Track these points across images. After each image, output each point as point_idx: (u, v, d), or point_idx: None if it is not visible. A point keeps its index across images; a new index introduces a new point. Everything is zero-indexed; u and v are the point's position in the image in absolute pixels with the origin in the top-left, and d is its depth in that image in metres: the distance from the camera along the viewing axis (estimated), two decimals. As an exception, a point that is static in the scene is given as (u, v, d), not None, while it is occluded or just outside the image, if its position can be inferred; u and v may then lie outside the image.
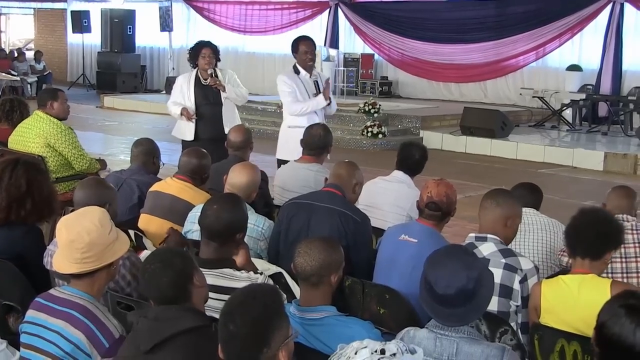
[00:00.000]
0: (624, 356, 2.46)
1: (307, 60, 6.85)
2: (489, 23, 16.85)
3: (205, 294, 2.87)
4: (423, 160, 5.23)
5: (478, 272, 2.64)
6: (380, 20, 18.41)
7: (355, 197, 4.58)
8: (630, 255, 4.22)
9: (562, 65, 16.03)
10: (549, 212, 4.91)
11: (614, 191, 4.60)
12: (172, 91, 7.32)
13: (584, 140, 13.70)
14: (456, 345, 2.60)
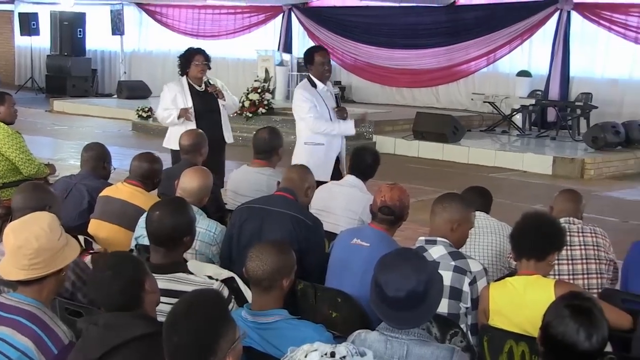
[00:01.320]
0: (567, 355, 2.51)
1: (324, 72, 6.48)
2: (442, 29, 17.04)
3: (157, 300, 2.85)
4: (375, 164, 5.24)
5: (428, 275, 2.67)
6: (334, 25, 18.49)
7: (308, 200, 4.60)
8: (576, 257, 4.30)
9: (512, 71, 16.29)
10: (499, 215, 4.97)
11: (561, 195, 4.69)
12: (162, 101, 6.99)
13: (533, 145, 13.92)
14: (406, 347, 2.63)
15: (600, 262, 4.34)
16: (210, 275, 3.50)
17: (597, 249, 4.35)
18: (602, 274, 4.34)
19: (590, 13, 15.30)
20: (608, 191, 11.05)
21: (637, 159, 12.68)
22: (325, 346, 2.31)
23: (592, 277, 4.31)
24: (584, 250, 4.32)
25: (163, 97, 6.99)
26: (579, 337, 2.48)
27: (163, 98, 6.99)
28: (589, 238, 4.37)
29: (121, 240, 4.50)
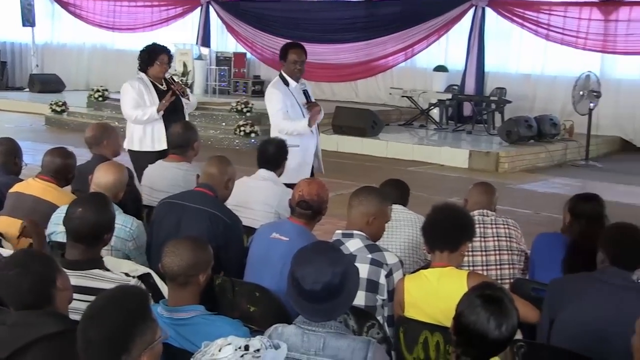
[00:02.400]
0: (479, 343, 2.58)
1: (295, 71, 6.33)
2: (360, 24, 17.16)
3: (69, 297, 2.79)
4: (279, 154, 5.18)
5: (344, 268, 2.69)
6: (253, 19, 18.41)
7: (228, 192, 4.55)
8: (489, 248, 4.41)
9: (430, 66, 16.54)
10: (417, 208, 5.04)
11: (475, 188, 4.79)
12: (128, 98, 6.53)
13: (450, 139, 14.17)
14: (323, 340, 2.65)
15: (512, 253, 4.46)
16: (126, 272, 3.45)
17: (509, 240, 4.47)
18: (514, 264, 4.46)
19: (503, 10, 15.66)
20: (521, 184, 11.34)
21: (549, 152, 13.06)
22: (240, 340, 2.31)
23: (505, 267, 4.43)
24: (497, 241, 4.43)
25: (128, 96, 6.54)
26: (489, 326, 2.55)
27: (129, 97, 6.54)
28: (502, 230, 4.49)
29: (33, 237, 4.38)
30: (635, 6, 14.38)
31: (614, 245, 3.41)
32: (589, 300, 3.28)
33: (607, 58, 14.98)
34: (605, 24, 14.65)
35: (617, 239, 3.43)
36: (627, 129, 14.98)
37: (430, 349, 3.26)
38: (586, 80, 13.16)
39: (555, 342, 3.32)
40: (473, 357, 2.59)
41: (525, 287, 4.12)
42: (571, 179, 11.88)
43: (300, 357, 2.64)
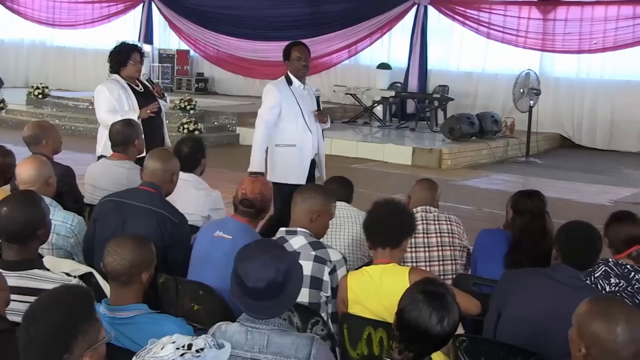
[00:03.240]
0: (421, 338, 2.61)
1: (300, 68, 6.21)
2: (304, 21, 17.16)
3: (6, 298, 2.74)
4: (194, 154, 5.05)
5: (287, 265, 2.70)
6: (196, 16, 18.26)
7: (173, 186, 4.46)
8: (432, 244, 4.46)
9: (373, 64, 16.64)
10: (360, 205, 5.06)
11: (417, 184, 4.83)
12: (103, 103, 6.23)
13: (394, 136, 14.29)
14: (267, 337, 2.65)
15: (454, 248, 4.52)
16: (67, 272, 3.39)
17: (452, 236, 4.53)
18: (457, 260, 4.52)
19: (445, 8, 15.83)
20: (464, 180, 11.49)
21: (490, 149, 13.25)
22: (184, 338, 2.30)
23: (447, 263, 4.49)
24: (440, 237, 4.48)
25: (104, 99, 6.24)
26: (431, 321, 2.58)
27: (104, 100, 6.23)
28: (444, 226, 4.54)
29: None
30: (572, 6, 14.69)
31: (567, 243, 3.45)
32: (536, 295, 3.33)
33: (546, 56, 15.28)
34: (544, 23, 14.94)
35: (571, 238, 3.47)
36: (566, 126, 15.30)
37: (374, 344, 3.29)
38: (526, 78, 13.40)
39: (501, 335, 3.37)
40: (415, 352, 2.61)
41: (467, 282, 4.18)
42: (512, 175, 12.09)
43: (244, 354, 2.64)
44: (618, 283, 3.84)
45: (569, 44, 14.79)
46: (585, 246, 3.43)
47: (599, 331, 2.35)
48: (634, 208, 8.61)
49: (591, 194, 10.58)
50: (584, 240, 3.44)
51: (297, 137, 6.20)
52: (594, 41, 14.39)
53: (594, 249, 3.46)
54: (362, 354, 3.33)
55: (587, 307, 2.43)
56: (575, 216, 3.79)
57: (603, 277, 3.87)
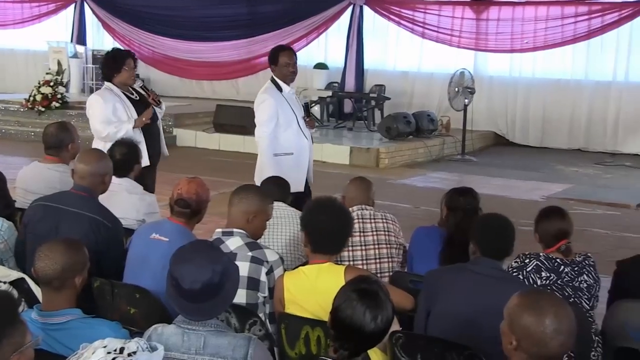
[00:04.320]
0: (355, 336, 2.63)
1: (288, 74, 6.10)
2: (240, 21, 17.11)
3: None
4: (127, 160, 4.96)
5: (223, 267, 2.69)
6: (130, 16, 18.03)
7: (106, 187, 4.38)
8: (369, 243, 4.48)
9: (310, 64, 16.65)
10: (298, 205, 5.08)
11: (351, 184, 4.85)
12: (97, 112, 5.97)
13: (331, 136, 14.34)
14: (204, 338, 2.64)
15: (391, 246, 4.56)
16: (-2, 278, 3.33)
17: (388, 234, 4.56)
18: (393, 258, 4.56)
19: (380, 8, 15.96)
20: (401, 179, 11.61)
21: (427, 147, 13.41)
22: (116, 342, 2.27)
23: (384, 261, 4.52)
24: (376, 236, 4.52)
25: (99, 110, 5.99)
26: (365, 319, 2.60)
27: (100, 110, 5.99)
28: (380, 224, 4.57)
29: None
30: (504, 6, 14.96)
31: (484, 236, 3.53)
32: (461, 290, 3.39)
33: (480, 56, 15.53)
34: (477, 23, 15.18)
35: (486, 230, 3.55)
36: (500, 124, 15.58)
37: (311, 343, 3.29)
38: (461, 77, 13.60)
39: (431, 332, 3.42)
40: (350, 350, 2.63)
41: (404, 279, 4.23)
42: (449, 173, 12.25)
43: (181, 356, 2.63)
44: (549, 277, 3.94)
45: (501, 44, 15.07)
46: (499, 237, 3.51)
47: (529, 324, 2.41)
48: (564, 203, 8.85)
49: (525, 191, 10.80)
50: (498, 231, 3.53)
51: (294, 144, 6.16)
52: (525, 41, 14.69)
53: (509, 238, 3.54)
54: (300, 353, 3.33)
55: (517, 301, 2.49)
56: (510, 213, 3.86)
57: (534, 271, 3.96)
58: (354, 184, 4.82)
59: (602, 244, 7.79)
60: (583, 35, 14.17)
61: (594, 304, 4.00)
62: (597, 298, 4.04)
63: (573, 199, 10.08)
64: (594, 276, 4.00)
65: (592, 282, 3.98)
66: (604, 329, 3.92)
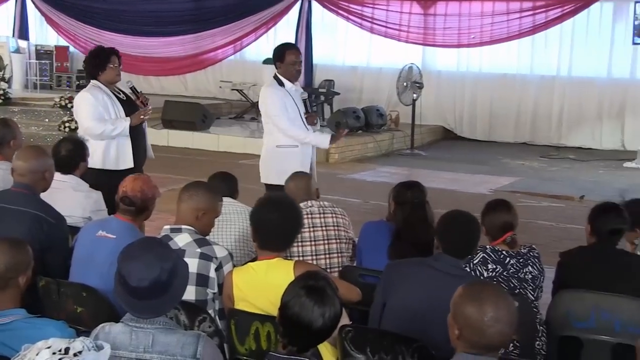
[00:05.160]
0: (304, 332, 2.64)
1: (294, 73, 6.03)
2: (187, 16, 16.98)
3: None
4: (72, 157, 4.87)
5: (172, 264, 2.67)
6: (74, 11, 17.75)
7: (48, 183, 4.30)
8: (318, 238, 4.48)
9: (259, 59, 16.57)
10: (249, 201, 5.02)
11: (290, 180, 4.79)
12: (88, 109, 5.76)
13: (281, 131, 14.28)
14: (152, 336, 2.62)
15: (340, 241, 4.57)
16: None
17: (337, 229, 4.57)
18: (343, 252, 4.57)
19: (329, 3, 16.00)
20: (351, 173, 11.66)
21: (376, 142, 13.49)
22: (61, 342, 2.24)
23: (334, 256, 4.53)
24: (325, 231, 4.52)
25: (90, 107, 5.78)
26: (313, 315, 2.62)
27: (90, 107, 5.78)
28: (330, 219, 4.58)
29: None
30: (451, 1, 15.12)
31: (446, 233, 3.55)
32: (419, 285, 3.41)
33: (428, 50, 15.68)
34: (425, 18, 15.31)
35: (449, 228, 3.56)
36: (448, 119, 15.75)
37: (261, 339, 3.29)
38: (409, 71, 13.70)
39: (386, 325, 3.44)
40: (299, 345, 2.64)
41: (353, 273, 4.25)
42: (398, 167, 12.35)
43: (129, 355, 2.61)
44: (495, 268, 4.00)
45: (449, 39, 15.22)
46: (463, 235, 3.53)
47: (470, 313, 2.44)
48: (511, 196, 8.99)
49: (473, 184, 10.94)
50: (463, 229, 3.54)
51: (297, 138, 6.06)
52: (472, 36, 14.86)
53: (473, 237, 3.56)
54: (250, 348, 3.33)
55: (460, 292, 2.53)
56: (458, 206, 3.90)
57: (481, 263, 4.02)
58: (293, 180, 4.78)
59: (547, 235, 7.93)
60: (528, 31, 14.39)
61: (538, 294, 4.07)
62: (542, 289, 4.12)
63: (519, 192, 10.24)
64: (539, 267, 4.06)
65: (537, 273, 4.04)
66: (548, 319, 4.00)
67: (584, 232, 4.35)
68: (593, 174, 12.03)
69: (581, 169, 12.53)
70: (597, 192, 9.91)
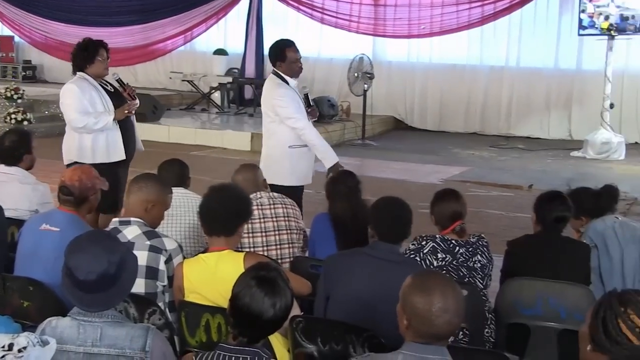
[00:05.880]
0: (254, 323, 2.64)
1: (297, 70, 5.94)
2: (135, 6, 16.72)
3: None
4: (16, 148, 4.84)
5: (120, 256, 2.65)
6: (19, 0, 17.37)
7: None
8: (269, 229, 4.49)
9: (210, 50, 16.52)
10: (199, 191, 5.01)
11: (238, 173, 4.75)
12: (73, 101, 5.71)
13: (232, 122, 14.25)
14: (100, 330, 2.60)
15: (291, 232, 4.58)
16: None
17: (288, 219, 4.58)
18: (294, 243, 4.59)
19: (280, -7, 15.94)
20: (302, 164, 11.62)
21: (328, 132, 13.45)
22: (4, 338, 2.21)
23: (285, 247, 4.54)
24: (276, 222, 4.53)
25: (75, 99, 5.71)
26: (264, 306, 2.62)
27: (76, 100, 5.71)
28: (280, 209, 4.59)
29: None
30: (401, -8, 15.18)
31: (380, 220, 3.58)
32: (360, 274, 3.43)
33: (378, 41, 15.72)
34: (375, 9, 15.31)
35: (382, 215, 3.60)
36: (399, 109, 15.83)
37: (212, 331, 3.28)
38: (360, 62, 13.73)
39: (331, 316, 3.46)
40: (250, 336, 2.64)
41: (304, 264, 4.27)
42: (350, 158, 12.34)
43: (77, 349, 2.58)
44: (444, 258, 4.04)
45: (399, 29, 15.26)
46: (396, 221, 3.56)
47: (417, 303, 2.47)
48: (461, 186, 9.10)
49: (424, 174, 11.03)
50: (395, 215, 3.58)
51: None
52: (422, 26, 14.93)
53: (405, 221, 3.59)
54: (201, 340, 3.32)
55: (409, 282, 2.55)
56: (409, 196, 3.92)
57: (431, 252, 4.05)
58: (240, 173, 4.75)
59: (496, 224, 8.04)
60: (477, 22, 14.50)
61: (487, 282, 4.13)
62: (490, 277, 4.17)
63: (469, 182, 10.36)
64: (487, 256, 4.12)
65: (486, 262, 4.10)
66: (496, 307, 4.07)
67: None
68: (541, 163, 12.22)
69: (530, 158, 12.71)
70: (545, 181, 10.07)
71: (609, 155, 12.53)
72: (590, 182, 5.68)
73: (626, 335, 2.14)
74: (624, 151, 12.63)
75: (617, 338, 2.14)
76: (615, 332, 2.15)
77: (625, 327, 2.15)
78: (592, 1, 12.60)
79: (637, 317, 2.15)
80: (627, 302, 2.17)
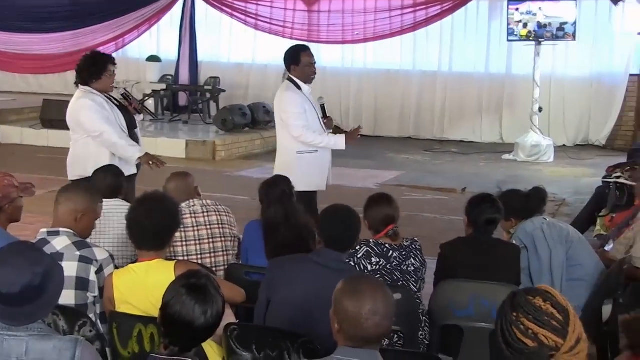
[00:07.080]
0: (186, 331, 2.61)
1: (311, 74, 5.94)
2: (64, 13, 16.37)
3: None
4: None
5: (45, 268, 2.57)
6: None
7: None
8: (203, 237, 4.46)
9: (142, 56, 16.32)
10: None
11: (169, 181, 4.71)
12: (93, 114, 5.57)
13: (167, 130, 14.12)
14: (26, 344, 2.52)
15: (226, 239, 4.56)
16: None
17: (222, 227, 4.55)
18: (228, 250, 4.56)
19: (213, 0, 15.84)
20: (238, 171, 11.60)
21: (264, 139, 13.47)
22: None
23: (219, 255, 4.51)
24: (210, 229, 4.49)
25: (95, 111, 5.58)
26: (194, 314, 2.60)
27: (97, 114, 5.58)
28: (214, 217, 4.55)
29: None
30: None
31: (327, 228, 3.58)
32: (303, 280, 3.43)
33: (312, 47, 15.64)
34: (309, 15, 15.36)
35: (329, 222, 3.60)
36: (334, 114, 15.75)
37: (145, 341, 3.23)
38: (294, 68, 13.72)
39: (271, 321, 3.44)
40: (181, 345, 2.61)
41: (239, 271, 4.24)
42: (285, 163, 12.35)
43: (1, 365, 2.51)
44: (378, 262, 4.07)
45: (333, 35, 15.33)
46: (344, 229, 3.57)
47: (348, 307, 2.48)
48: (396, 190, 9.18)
49: (359, 179, 11.07)
50: (343, 223, 3.58)
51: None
52: (356, 32, 15.03)
53: (353, 230, 3.61)
54: (134, 352, 3.27)
55: (340, 286, 2.56)
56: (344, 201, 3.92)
57: (365, 257, 4.07)
58: (173, 181, 4.72)
59: (431, 227, 8.12)
60: (409, 27, 14.66)
61: (421, 285, 4.16)
62: (424, 280, 4.21)
63: (404, 186, 10.46)
64: (420, 259, 4.16)
65: (419, 265, 4.14)
66: (430, 309, 4.11)
67: (463, 224, 4.48)
68: (474, 167, 12.41)
69: (463, 162, 12.90)
70: (478, 184, 10.21)
71: (539, 157, 12.80)
72: (521, 184, 5.79)
73: (522, 340, 2.20)
74: (552, 154, 12.93)
75: (516, 346, 2.20)
76: (513, 341, 2.21)
77: (519, 333, 2.20)
78: (518, 10, 12.90)
79: (527, 319, 2.21)
80: (517, 307, 2.24)
